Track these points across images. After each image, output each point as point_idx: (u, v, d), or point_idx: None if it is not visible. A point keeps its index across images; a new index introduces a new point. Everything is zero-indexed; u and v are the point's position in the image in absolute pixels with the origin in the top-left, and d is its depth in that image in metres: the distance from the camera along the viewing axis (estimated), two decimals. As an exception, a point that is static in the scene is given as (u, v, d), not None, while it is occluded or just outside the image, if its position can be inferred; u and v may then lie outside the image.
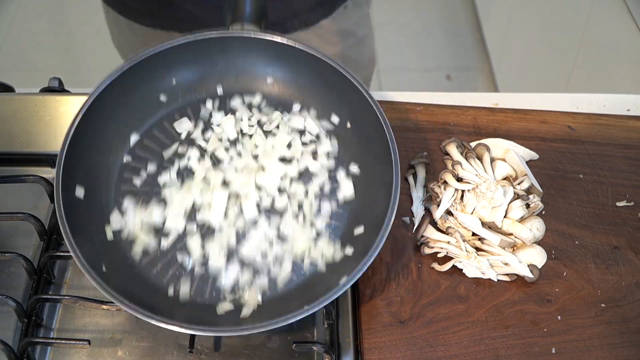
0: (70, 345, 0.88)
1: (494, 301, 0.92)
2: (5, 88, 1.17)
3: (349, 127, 0.99)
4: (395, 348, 0.87)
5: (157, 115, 1.01)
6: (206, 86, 1.03)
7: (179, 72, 1.01)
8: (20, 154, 1.07)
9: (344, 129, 0.99)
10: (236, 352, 0.88)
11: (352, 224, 0.92)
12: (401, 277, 0.94)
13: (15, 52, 2.94)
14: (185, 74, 1.02)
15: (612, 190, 1.04)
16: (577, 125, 1.13)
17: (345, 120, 0.99)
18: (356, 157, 0.97)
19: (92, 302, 0.87)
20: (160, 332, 0.89)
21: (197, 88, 1.03)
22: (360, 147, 0.97)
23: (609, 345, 0.88)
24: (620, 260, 0.96)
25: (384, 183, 0.89)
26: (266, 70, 1.03)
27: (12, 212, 0.95)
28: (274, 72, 1.03)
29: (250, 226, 0.92)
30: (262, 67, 1.03)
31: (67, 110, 1.11)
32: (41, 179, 0.99)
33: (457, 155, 1.00)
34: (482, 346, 0.88)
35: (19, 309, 0.87)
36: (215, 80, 1.03)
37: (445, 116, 1.13)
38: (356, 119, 0.98)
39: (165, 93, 1.01)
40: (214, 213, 0.92)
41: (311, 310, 0.79)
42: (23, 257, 0.91)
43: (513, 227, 0.95)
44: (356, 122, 0.98)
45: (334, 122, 1.00)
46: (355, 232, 0.90)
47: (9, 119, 1.11)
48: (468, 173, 0.97)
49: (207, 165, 0.96)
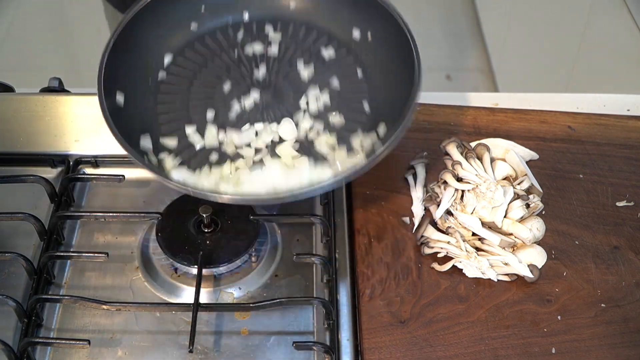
0: (70, 345, 0.88)
1: (494, 301, 0.92)
2: (5, 88, 1.17)
3: (370, 39, 1.02)
4: (395, 348, 0.87)
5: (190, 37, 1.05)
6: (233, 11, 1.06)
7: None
8: (20, 154, 1.08)
9: (366, 41, 1.02)
10: (236, 352, 0.88)
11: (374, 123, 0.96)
12: (401, 277, 0.94)
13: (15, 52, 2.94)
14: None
15: (612, 190, 1.04)
16: (577, 125, 1.13)
17: (366, 33, 1.02)
18: (377, 64, 1.01)
19: (92, 302, 0.87)
20: (161, 332, 0.90)
21: (224, 13, 1.06)
22: (382, 55, 1.00)
23: (609, 345, 0.88)
24: (620, 260, 0.96)
25: (405, 80, 0.91)
26: None
27: (12, 212, 0.95)
28: None
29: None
30: None
31: (67, 110, 1.12)
32: (41, 179, 0.99)
33: (457, 155, 1.00)
34: (482, 346, 0.88)
35: (19, 309, 0.87)
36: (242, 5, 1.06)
37: (445, 116, 1.13)
38: (377, 29, 1.01)
39: (195, 21, 1.04)
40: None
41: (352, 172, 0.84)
42: (23, 257, 0.91)
43: (513, 227, 0.95)
44: (377, 33, 1.01)
45: (355, 38, 1.03)
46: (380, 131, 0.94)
47: (9, 119, 1.11)
48: (468, 173, 0.97)
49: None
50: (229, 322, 0.91)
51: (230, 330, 0.90)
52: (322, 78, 1.01)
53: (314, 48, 1.04)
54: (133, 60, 0.98)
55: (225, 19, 1.06)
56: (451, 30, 3.10)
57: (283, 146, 0.95)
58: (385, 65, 1.00)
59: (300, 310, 0.92)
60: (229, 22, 1.06)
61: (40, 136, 1.09)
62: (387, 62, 0.99)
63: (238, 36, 1.06)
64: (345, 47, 1.03)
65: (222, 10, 1.06)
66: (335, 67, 1.02)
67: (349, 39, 1.03)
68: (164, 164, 0.93)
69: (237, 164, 0.94)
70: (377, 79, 1.00)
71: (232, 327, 0.91)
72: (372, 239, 0.97)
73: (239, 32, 1.06)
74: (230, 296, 0.93)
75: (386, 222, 0.99)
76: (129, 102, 0.94)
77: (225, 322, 0.91)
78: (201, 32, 1.05)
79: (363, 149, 0.94)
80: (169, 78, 1.01)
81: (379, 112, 0.97)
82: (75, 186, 1.05)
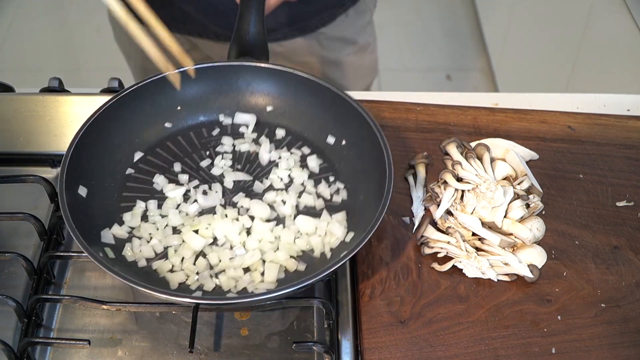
0: (70, 345, 0.88)
1: (494, 301, 0.92)
2: (5, 88, 1.17)
3: (344, 144, 1.02)
4: (395, 348, 0.87)
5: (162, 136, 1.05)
6: (209, 112, 1.07)
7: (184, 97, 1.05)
8: (20, 154, 1.08)
9: (340, 146, 1.02)
10: (236, 352, 0.88)
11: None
12: (401, 277, 0.94)
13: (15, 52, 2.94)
14: (189, 98, 1.05)
15: (612, 190, 1.04)
16: (577, 125, 1.13)
17: (340, 139, 1.02)
18: (348, 173, 1.01)
19: (92, 302, 0.87)
20: (161, 332, 0.90)
21: (200, 113, 1.07)
22: (355, 162, 1.00)
23: (609, 345, 0.88)
24: (620, 260, 0.96)
25: (377, 190, 0.91)
26: (267, 97, 1.07)
27: (12, 212, 0.95)
28: (274, 100, 1.07)
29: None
30: (264, 95, 1.07)
31: (67, 110, 1.12)
32: (41, 179, 0.99)
33: (457, 155, 1.00)
34: (482, 346, 0.88)
35: (19, 309, 0.87)
36: (218, 107, 1.07)
37: (445, 116, 1.13)
38: (351, 135, 1.01)
39: (170, 120, 1.05)
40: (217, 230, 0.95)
41: (312, 280, 0.82)
42: (23, 257, 0.91)
43: (513, 227, 0.95)
44: (351, 139, 1.01)
45: (329, 143, 1.03)
46: (347, 239, 0.93)
47: (9, 119, 1.11)
48: (468, 173, 0.97)
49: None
50: (229, 322, 0.91)
51: (230, 330, 0.90)
52: (293, 181, 1.01)
53: (289, 148, 1.04)
54: (100, 157, 0.98)
55: (201, 119, 1.07)
56: (451, 30, 3.10)
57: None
58: (358, 177, 0.99)
59: (300, 310, 0.92)
60: (205, 122, 1.07)
61: (40, 136, 1.09)
62: (361, 172, 0.98)
63: (213, 134, 1.06)
64: (318, 152, 1.04)
65: (198, 111, 1.06)
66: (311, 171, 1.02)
67: (323, 144, 1.04)
68: (125, 256, 0.92)
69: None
70: (351, 187, 0.99)
71: (232, 327, 0.91)
72: (372, 239, 0.97)
73: (214, 131, 1.06)
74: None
75: (386, 222, 0.99)
76: (94, 195, 0.94)
77: (225, 322, 0.91)
78: (174, 131, 1.05)
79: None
80: (137, 173, 1.01)
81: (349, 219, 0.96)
82: (75, 186, 1.05)
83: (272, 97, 1.07)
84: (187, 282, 0.89)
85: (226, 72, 1.05)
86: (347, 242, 0.93)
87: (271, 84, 1.06)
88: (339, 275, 0.94)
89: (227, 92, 1.07)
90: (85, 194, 0.93)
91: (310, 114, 1.05)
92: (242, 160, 1.03)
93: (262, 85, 1.06)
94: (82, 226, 0.86)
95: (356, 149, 1.00)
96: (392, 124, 1.11)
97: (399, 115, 1.13)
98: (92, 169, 0.96)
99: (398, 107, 1.14)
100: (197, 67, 1.02)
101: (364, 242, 0.84)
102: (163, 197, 0.98)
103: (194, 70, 1.01)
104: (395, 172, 1.05)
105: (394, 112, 1.13)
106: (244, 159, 1.04)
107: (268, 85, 1.06)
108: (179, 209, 0.96)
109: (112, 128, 1.00)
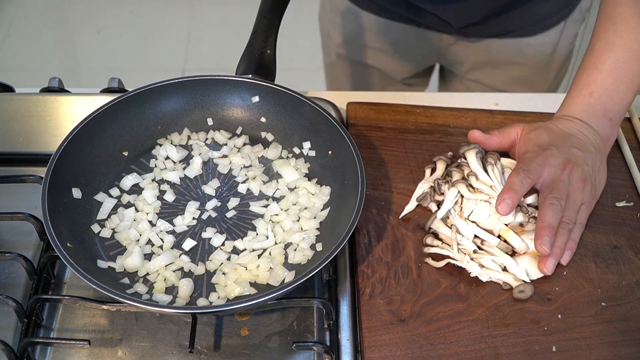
0: (70, 345, 0.88)
1: (494, 300, 0.92)
2: (5, 88, 1.17)
3: (330, 154, 1.02)
4: (395, 346, 0.87)
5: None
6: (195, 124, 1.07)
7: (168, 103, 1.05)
8: (20, 154, 1.08)
9: (326, 157, 1.02)
10: (236, 352, 0.88)
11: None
12: (401, 276, 0.94)
13: (15, 52, 2.94)
14: (173, 106, 1.05)
15: (612, 190, 1.04)
16: (577, 125, 1.12)
17: (326, 150, 1.02)
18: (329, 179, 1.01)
19: (92, 302, 0.87)
20: (161, 332, 0.90)
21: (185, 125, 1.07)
22: (337, 172, 1.00)
23: (609, 343, 0.88)
24: (620, 260, 0.96)
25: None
26: (258, 113, 1.06)
27: (12, 212, 0.95)
28: (265, 114, 1.06)
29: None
30: (255, 111, 1.06)
31: (67, 110, 1.12)
32: (41, 179, 0.99)
33: (474, 164, 0.98)
34: (482, 344, 0.88)
35: (19, 309, 0.87)
36: (205, 116, 1.07)
37: (444, 118, 1.13)
38: (335, 149, 1.01)
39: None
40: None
41: (296, 284, 0.83)
42: (23, 257, 0.91)
43: (506, 234, 0.94)
44: (335, 151, 1.01)
45: (311, 155, 1.04)
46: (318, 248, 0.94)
47: (9, 119, 1.11)
48: (483, 185, 0.96)
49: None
50: (229, 322, 0.91)
51: (230, 330, 0.90)
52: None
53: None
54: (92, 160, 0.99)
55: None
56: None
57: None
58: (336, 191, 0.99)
59: (300, 310, 0.92)
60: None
61: (40, 136, 1.09)
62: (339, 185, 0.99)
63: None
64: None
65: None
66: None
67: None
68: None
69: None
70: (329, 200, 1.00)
71: (232, 327, 0.91)
72: (372, 239, 0.97)
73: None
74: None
75: (386, 222, 0.99)
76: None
77: (225, 322, 0.91)
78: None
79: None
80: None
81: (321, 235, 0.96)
82: (75, 186, 1.05)
83: (262, 112, 1.06)
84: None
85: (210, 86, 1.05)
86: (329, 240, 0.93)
87: (262, 100, 1.06)
88: (339, 275, 0.94)
89: (208, 106, 1.07)
90: (79, 195, 0.95)
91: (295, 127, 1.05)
92: (224, 177, 1.03)
93: (249, 102, 1.06)
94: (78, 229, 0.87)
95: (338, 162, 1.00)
96: (392, 126, 1.12)
97: (398, 117, 1.13)
98: (84, 171, 0.97)
99: (398, 109, 1.14)
100: (178, 81, 1.03)
101: (347, 238, 0.86)
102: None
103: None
104: (398, 173, 1.05)
105: (393, 114, 1.13)
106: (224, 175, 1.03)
107: (257, 103, 1.06)
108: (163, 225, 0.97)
109: (106, 132, 1.00)
